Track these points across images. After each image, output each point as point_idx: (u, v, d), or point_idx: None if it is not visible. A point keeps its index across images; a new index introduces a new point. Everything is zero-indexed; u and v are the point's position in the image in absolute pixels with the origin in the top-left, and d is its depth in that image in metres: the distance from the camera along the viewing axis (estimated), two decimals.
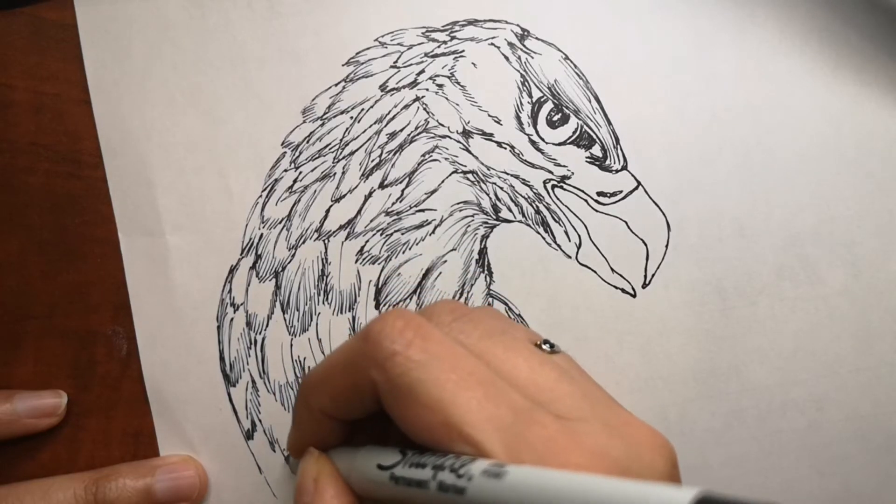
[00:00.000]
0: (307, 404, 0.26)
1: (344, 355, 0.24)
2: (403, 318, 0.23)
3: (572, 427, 0.22)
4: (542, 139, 0.35)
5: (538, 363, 0.24)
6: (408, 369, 0.22)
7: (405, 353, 0.22)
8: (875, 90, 0.35)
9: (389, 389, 0.23)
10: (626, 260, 0.34)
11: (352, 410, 0.25)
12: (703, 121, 0.35)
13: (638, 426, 0.24)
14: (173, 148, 0.35)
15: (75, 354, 0.34)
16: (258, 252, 0.34)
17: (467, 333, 0.25)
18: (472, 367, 0.23)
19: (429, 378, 0.22)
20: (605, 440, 0.22)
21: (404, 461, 0.22)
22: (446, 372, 0.22)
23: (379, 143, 0.34)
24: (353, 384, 0.24)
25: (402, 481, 0.22)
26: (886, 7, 0.35)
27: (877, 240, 0.35)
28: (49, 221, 0.34)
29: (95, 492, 0.32)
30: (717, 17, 0.35)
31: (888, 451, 0.34)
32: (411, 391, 0.22)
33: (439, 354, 0.23)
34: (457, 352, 0.23)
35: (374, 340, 0.23)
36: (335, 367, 0.25)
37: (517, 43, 0.35)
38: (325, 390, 0.25)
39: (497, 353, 0.24)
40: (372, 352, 0.23)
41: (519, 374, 0.24)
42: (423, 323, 0.23)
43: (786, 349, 0.34)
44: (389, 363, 0.22)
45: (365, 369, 0.23)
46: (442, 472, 0.21)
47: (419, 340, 0.23)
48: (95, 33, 0.34)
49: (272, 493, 0.34)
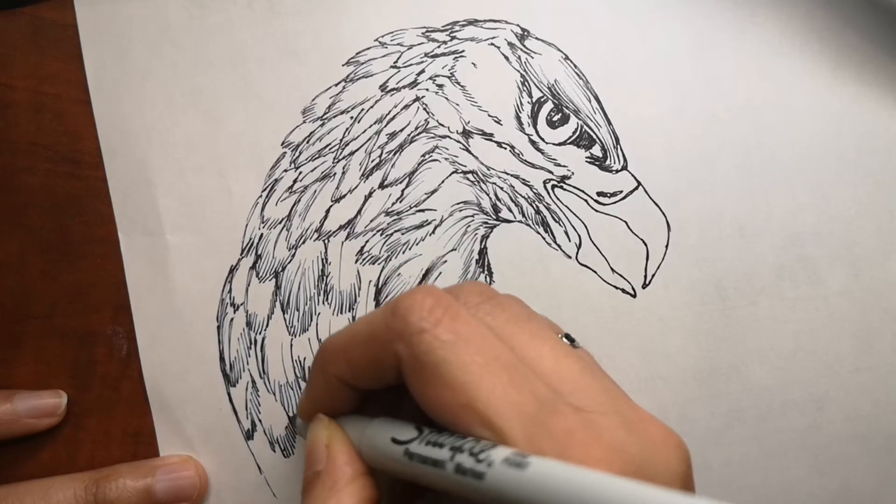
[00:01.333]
0: (324, 369, 0.26)
1: (369, 325, 0.24)
2: (433, 296, 0.23)
3: (592, 420, 0.22)
4: (542, 139, 0.35)
5: (563, 353, 0.24)
6: (434, 348, 0.22)
7: (433, 331, 0.22)
8: (875, 90, 0.35)
9: (414, 366, 0.22)
10: (626, 260, 0.34)
11: (370, 381, 0.25)
12: (703, 121, 0.35)
13: (655, 424, 0.24)
14: (173, 148, 0.35)
15: (75, 354, 0.34)
16: (258, 252, 0.34)
17: (494, 316, 0.25)
18: (498, 351, 0.23)
19: (455, 359, 0.22)
20: (623, 436, 0.22)
21: (421, 438, 0.22)
22: (472, 354, 0.22)
23: (379, 143, 0.34)
24: (376, 356, 0.24)
25: (417, 458, 0.22)
26: (886, 7, 0.35)
27: (877, 240, 0.35)
28: (49, 221, 0.34)
29: (95, 492, 0.32)
30: (717, 17, 0.35)
31: (888, 451, 0.34)
32: (436, 370, 0.22)
33: (467, 336, 0.22)
34: (484, 334, 0.23)
35: (403, 315, 0.23)
36: (358, 336, 0.25)
37: (517, 43, 0.35)
38: (345, 358, 0.25)
39: (522, 339, 0.24)
40: (400, 326, 0.23)
41: (543, 363, 0.24)
42: (452, 302, 0.23)
43: (786, 349, 0.34)
44: (416, 339, 0.22)
45: (390, 343, 0.23)
46: (461, 454, 0.21)
47: (448, 320, 0.23)
48: (95, 33, 0.34)
49: (272, 493, 0.34)
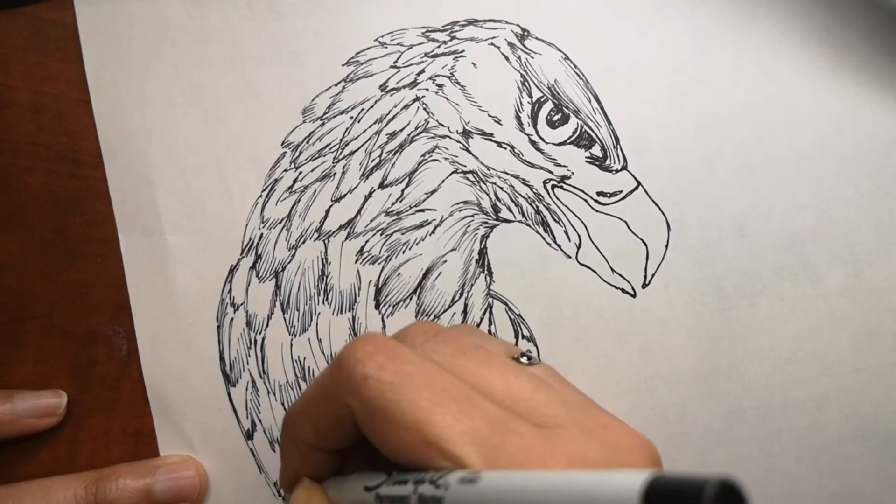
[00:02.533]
0: (292, 438, 0.26)
1: (320, 385, 0.24)
2: (373, 343, 0.23)
3: (550, 434, 0.22)
4: (542, 139, 0.35)
5: (513, 375, 0.25)
6: (381, 392, 0.22)
7: (377, 375, 0.22)
8: (875, 90, 0.35)
9: (365, 413, 0.23)
10: (626, 260, 0.34)
11: (335, 439, 0.25)
12: (703, 121, 0.35)
13: (617, 428, 0.24)
14: (173, 148, 0.35)
15: (75, 354, 0.34)
16: (258, 252, 0.34)
17: (440, 352, 0.25)
18: (444, 382, 0.23)
19: (402, 398, 0.22)
20: (584, 444, 0.22)
21: (388, 480, 0.23)
22: (419, 390, 0.22)
23: (379, 143, 0.34)
24: (332, 413, 0.24)
25: (386, 500, 0.22)
26: (886, 7, 0.35)
27: (877, 240, 0.35)
28: (49, 221, 0.34)
29: (95, 492, 0.32)
30: (717, 17, 0.35)
31: (888, 451, 0.34)
32: (386, 413, 0.22)
33: (411, 374, 0.23)
34: (428, 369, 0.23)
35: (347, 366, 0.23)
36: (313, 398, 0.25)
37: (517, 43, 0.35)
38: (306, 422, 0.25)
39: (470, 368, 0.24)
40: (345, 378, 0.23)
41: (494, 387, 0.24)
42: (394, 345, 0.23)
43: (786, 349, 0.34)
44: (362, 387, 0.22)
45: (341, 396, 0.23)
46: (422, 485, 0.21)
47: (390, 363, 0.23)
48: (95, 33, 0.34)
49: (272, 493, 0.34)
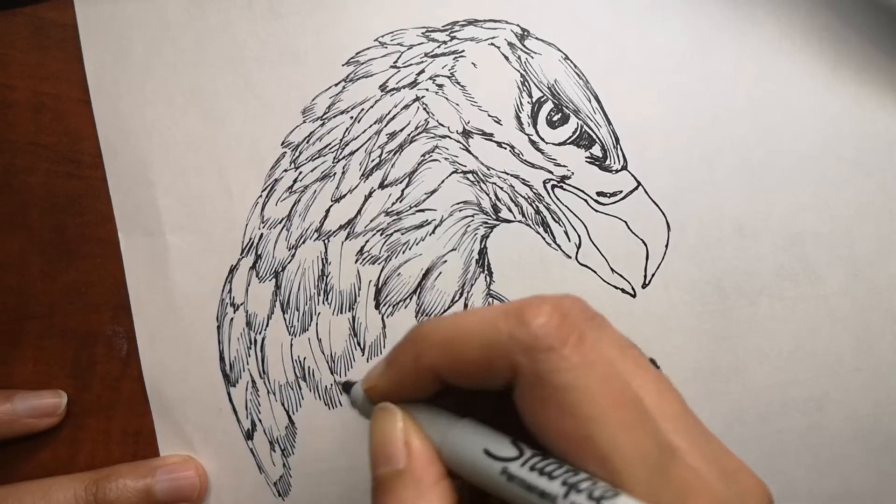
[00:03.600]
0: (419, 357, 0.24)
1: (487, 327, 0.22)
2: (560, 312, 0.22)
3: (699, 469, 0.21)
4: (542, 139, 0.35)
5: (665, 387, 0.23)
6: (562, 369, 0.21)
7: (561, 350, 0.21)
8: (875, 90, 0.35)
9: (535, 383, 0.21)
10: (626, 260, 0.34)
11: (470, 382, 0.23)
12: (703, 121, 0.35)
13: (748, 474, 0.23)
14: (173, 148, 0.35)
15: (75, 354, 0.34)
16: (258, 252, 0.34)
17: (605, 342, 0.23)
18: (621, 384, 0.21)
19: (581, 385, 0.21)
20: (724, 490, 0.21)
21: (523, 459, 0.21)
22: (599, 384, 0.21)
23: (379, 143, 0.34)
24: (489, 360, 0.22)
25: (518, 482, 0.21)
26: (886, 7, 0.35)
27: (877, 240, 0.35)
28: (49, 221, 0.34)
29: (95, 492, 0.32)
30: (717, 17, 0.35)
31: (888, 451, 0.34)
32: (559, 393, 0.21)
33: (595, 363, 0.21)
34: (609, 364, 0.22)
35: (531, 327, 0.22)
36: (471, 335, 0.23)
37: (517, 43, 0.35)
38: (449, 352, 0.23)
39: (630, 369, 0.23)
40: (526, 337, 0.21)
41: (648, 397, 0.22)
42: (580, 322, 0.22)
43: (786, 349, 0.34)
44: (543, 356, 0.21)
45: (511, 353, 0.22)
46: (577, 493, 0.19)
47: (575, 340, 0.21)
48: (95, 33, 0.34)
49: (272, 493, 0.34)
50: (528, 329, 0.22)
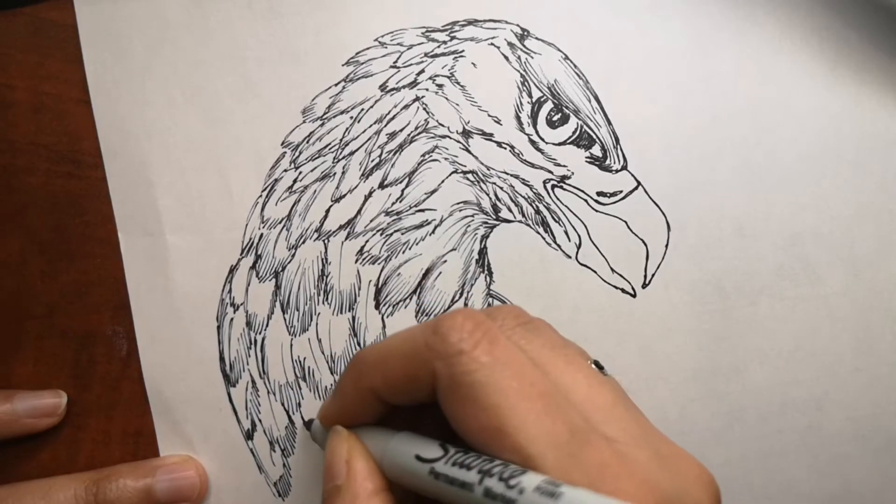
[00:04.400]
0: (357, 380, 0.26)
1: (408, 342, 0.25)
2: (473, 319, 0.24)
3: (625, 453, 0.22)
4: (542, 139, 0.35)
5: (597, 382, 0.25)
6: (472, 369, 0.23)
7: (471, 352, 0.23)
8: (875, 90, 0.35)
9: (450, 385, 0.23)
10: (626, 260, 0.34)
11: (402, 396, 0.25)
12: (703, 121, 0.35)
13: (687, 459, 0.24)
14: (173, 148, 0.35)
15: (75, 354, 0.34)
16: (258, 252, 0.34)
17: (529, 341, 0.25)
18: (534, 377, 0.23)
19: (491, 382, 0.22)
20: (656, 471, 0.22)
21: (447, 457, 0.23)
22: (508, 378, 0.22)
23: (379, 143, 0.34)
24: (413, 372, 0.24)
25: (443, 478, 0.22)
26: (886, 7, 0.35)
27: (877, 240, 0.35)
28: (49, 221, 0.34)
29: (96, 492, 0.32)
30: (717, 17, 0.35)
31: (888, 451, 0.34)
32: (471, 391, 0.22)
33: (505, 360, 0.23)
34: (521, 360, 0.23)
35: (444, 335, 0.23)
36: (396, 351, 0.25)
37: (517, 43, 0.35)
38: (380, 371, 0.25)
39: (558, 366, 0.24)
40: (439, 345, 0.23)
41: (577, 390, 0.24)
42: (491, 326, 0.24)
43: (786, 349, 0.34)
44: (455, 360, 0.23)
45: (429, 361, 0.23)
46: (490, 478, 0.21)
47: (486, 343, 0.23)
48: (95, 33, 0.34)
49: (272, 493, 0.34)
50: (441, 337, 0.23)
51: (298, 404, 0.34)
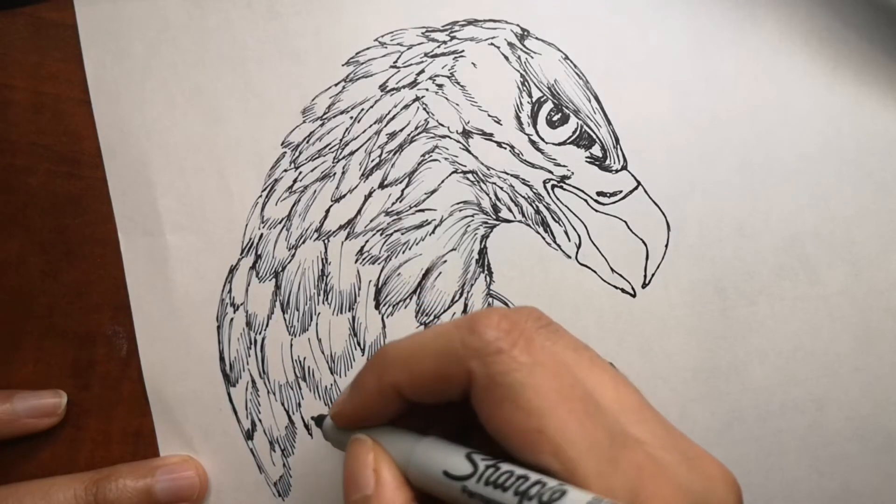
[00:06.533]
0: (381, 377, 0.25)
1: (440, 340, 0.24)
2: (509, 319, 0.23)
3: (656, 455, 0.22)
4: (542, 139, 0.35)
5: (622, 383, 0.24)
6: (511, 369, 0.22)
7: (510, 352, 0.22)
8: (875, 90, 0.35)
9: (488, 385, 0.22)
10: (626, 260, 0.34)
11: (429, 395, 0.24)
12: (703, 121, 0.35)
13: (710, 460, 0.24)
14: (173, 148, 0.35)
15: (75, 354, 0.34)
16: (258, 252, 0.34)
17: (553, 342, 0.25)
18: (571, 379, 0.23)
19: (531, 382, 0.22)
20: (685, 473, 0.22)
21: (478, 475, 0.22)
22: (548, 380, 0.22)
23: (379, 143, 0.34)
24: (445, 370, 0.23)
25: (478, 497, 0.22)
26: (886, 7, 0.35)
27: (877, 240, 0.35)
28: (49, 221, 0.34)
29: (96, 492, 0.32)
30: (717, 17, 0.35)
31: (888, 451, 0.34)
32: (511, 392, 0.22)
33: (543, 361, 0.22)
34: (559, 361, 0.23)
35: (481, 333, 0.23)
36: (426, 349, 0.24)
37: (517, 43, 0.35)
38: (408, 368, 0.24)
39: (583, 367, 0.24)
40: (477, 344, 0.23)
41: (605, 394, 0.23)
42: (527, 326, 0.23)
43: (786, 349, 0.34)
44: (493, 359, 0.22)
45: (465, 360, 0.23)
46: (528, 501, 0.20)
47: (524, 343, 0.23)
48: (95, 33, 0.34)
49: (272, 493, 0.34)
50: (478, 336, 0.23)
51: (298, 404, 0.34)
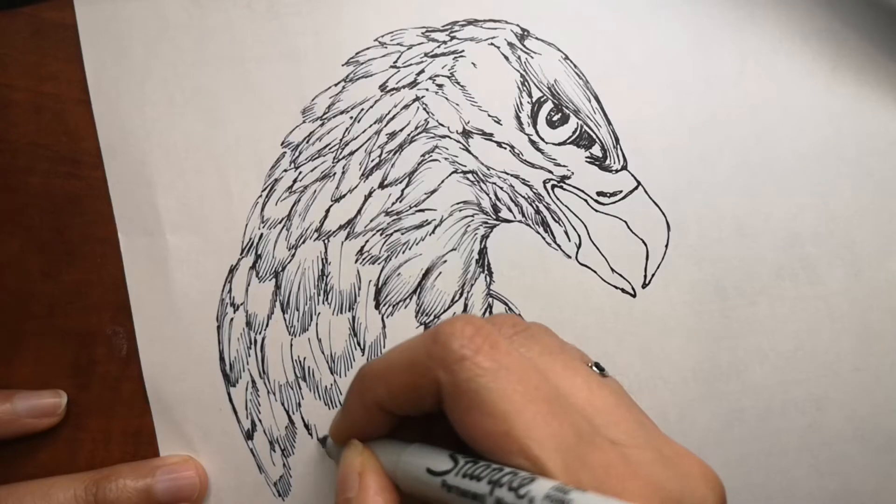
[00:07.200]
0: (362, 395, 0.26)
1: (409, 353, 0.25)
2: (473, 325, 0.23)
3: (629, 454, 0.22)
4: (542, 139, 0.35)
5: (596, 384, 0.25)
6: (475, 375, 0.22)
7: (474, 358, 0.23)
8: (875, 90, 0.35)
9: (454, 392, 0.23)
10: (626, 260, 0.34)
11: (408, 407, 0.25)
12: (703, 121, 0.35)
13: (690, 458, 0.24)
14: (173, 148, 0.35)
15: (75, 354, 0.34)
16: (258, 252, 0.34)
17: (528, 347, 0.25)
18: (538, 381, 0.23)
19: (495, 387, 0.22)
20: (660, 471, 0.22)
21: (457, 469, 0.22)
22: (513, 383, 0.22)
23: (379, 142, 0.34)
24: (416, 382, 0.24)
25: (455, 490, 0.22)
26: (886, 7, 0.35)
27: (877, 240, 0.35)
28: (49, 221, 0.34)
29: (96, 492, 0.32)
30: (717, 17, 0.35)
31: (888, 451, 0.34)
32: (476, 397, 0.22)
33: (507, 365, 0.23)
34: (524, 364, 0.23)
35: (444, 342, 0.23)
36: (398, 363, 0.25)
37: (517, 43, 0.35)
38: (384, 384, 0.25)
39: (557, 370, 0.24)
40: (440, 353, 0.23)
41: (578, 394, 0.24)
42: (492, 331, 0.24)
43: (786, 349, 0.34)
44: (457, 366, 0.23)
45: (431, 369, 0.23)
46: (500, 488, 0.21)
47: (488, 348, 0.23)
48: (95, 33, 0.34)
49: (272, 493, 0.34)
50: (441, 345, 0.23)
51: (298, 404, 0.34)
